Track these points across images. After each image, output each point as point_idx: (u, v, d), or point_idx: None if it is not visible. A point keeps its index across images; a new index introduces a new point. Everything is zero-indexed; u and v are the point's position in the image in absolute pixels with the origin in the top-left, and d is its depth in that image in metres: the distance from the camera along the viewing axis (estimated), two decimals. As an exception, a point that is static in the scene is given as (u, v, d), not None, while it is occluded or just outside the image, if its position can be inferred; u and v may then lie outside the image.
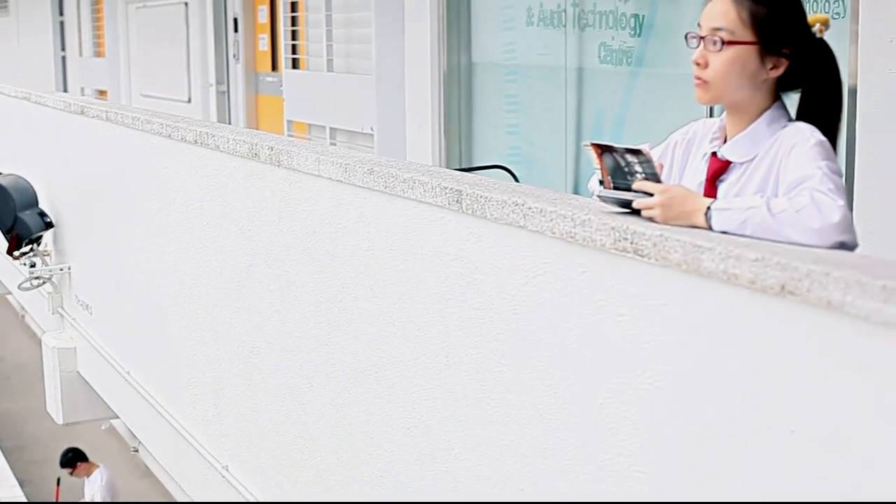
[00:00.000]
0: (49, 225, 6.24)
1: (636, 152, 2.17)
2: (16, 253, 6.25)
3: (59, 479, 10.24)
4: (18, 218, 6.17)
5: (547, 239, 2.30)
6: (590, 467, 2.24)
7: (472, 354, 2.59)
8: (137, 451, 10.75)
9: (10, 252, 6.29)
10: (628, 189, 2.19)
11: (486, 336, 2.53)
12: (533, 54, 5.74)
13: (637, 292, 2.10)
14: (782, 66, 2.29)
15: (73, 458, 9.85)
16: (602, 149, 2.22)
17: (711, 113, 3.51)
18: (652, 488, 2.10)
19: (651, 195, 2.14)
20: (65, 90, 14.31)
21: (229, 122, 9.42)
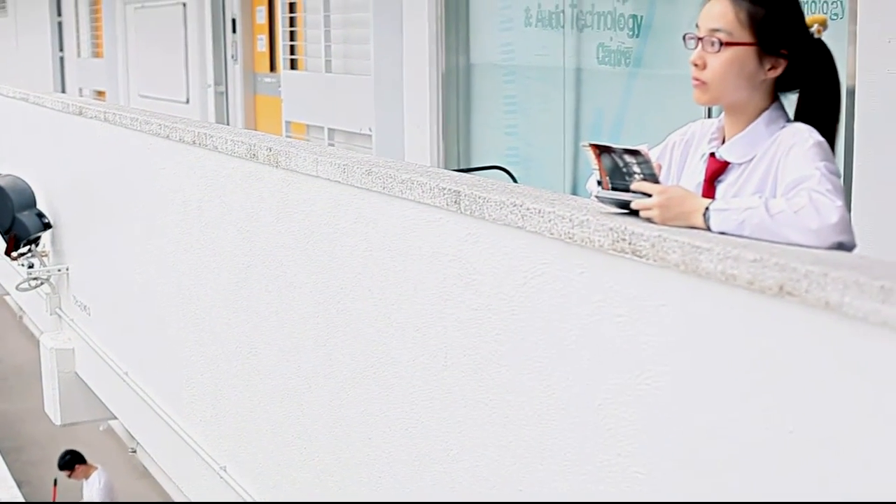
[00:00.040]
0: (47, 226, 6.23)
1: (634, 153, 2.17)
2: (14, 254, 6.24)
3: (56, 480, 10.21)
4: (16, 218, 6.16)
5: (545, 240, 2.30)
6: (588, 468, 2.24)
7: (471, 355, 2.59)
8: (135, 452, 10.72)
9: (8, 253, 6.28)
10: (626, 190, 2.19)
11: (485, 337, 2.53)
12: (531, 55, 5.74)
13: (635, 293, 2.10)
14: (780, 67, 2.29)
15: (71, 461, 9.66)
16: (600, 149, 2.22)
17: (710, 114, 3.51)
18: (650, 489, 2.10)
19: (649, 196, 2.14)
20: (63, 91, 14.31)
21: (227, 123, 9.41)
